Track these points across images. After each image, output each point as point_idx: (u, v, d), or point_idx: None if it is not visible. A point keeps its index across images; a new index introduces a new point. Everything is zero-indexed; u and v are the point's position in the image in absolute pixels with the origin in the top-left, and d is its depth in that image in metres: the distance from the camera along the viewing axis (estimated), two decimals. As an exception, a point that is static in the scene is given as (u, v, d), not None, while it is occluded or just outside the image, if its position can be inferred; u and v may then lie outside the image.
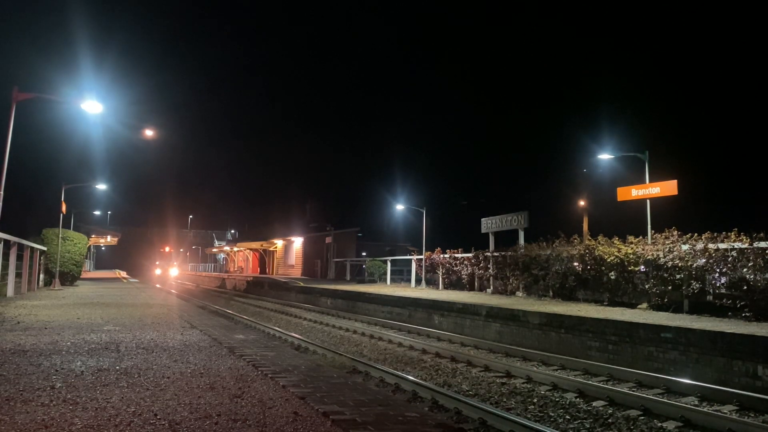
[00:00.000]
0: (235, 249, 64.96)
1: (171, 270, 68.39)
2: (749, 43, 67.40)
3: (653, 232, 15.02)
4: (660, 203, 16.25)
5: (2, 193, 12.98)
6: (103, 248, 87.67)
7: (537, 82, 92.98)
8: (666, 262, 13.07)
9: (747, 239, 11.83)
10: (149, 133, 19.60)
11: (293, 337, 13.84)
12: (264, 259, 57.38)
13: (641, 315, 11.89)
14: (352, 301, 22.39)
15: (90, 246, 51.69)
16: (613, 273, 14.79)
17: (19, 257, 20.24)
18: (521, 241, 19.97)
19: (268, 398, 5.11)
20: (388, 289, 24.20)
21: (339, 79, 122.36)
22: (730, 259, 11.94)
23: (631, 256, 14.27)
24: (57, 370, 6.11)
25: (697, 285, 12.50)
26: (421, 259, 25.72)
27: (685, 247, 12.88)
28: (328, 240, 43.46)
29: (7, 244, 18.33)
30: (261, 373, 6.32)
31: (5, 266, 18.48)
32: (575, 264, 16.22)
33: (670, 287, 13.09)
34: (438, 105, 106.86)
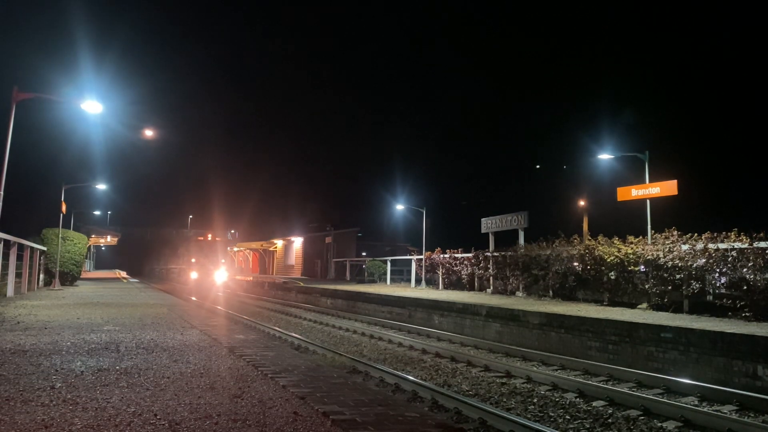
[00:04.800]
0: (235, 249, 64.97)
1: (217, 273, 38.26)
2: (749, 42, 67.42)
3: (653, 232, 15.03)
4: (660, 203, 16.26)
5: (2, 193, 12.98)
6: (103, 248, 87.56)
7: (537, 82, 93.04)
8: (666, 262, 13.07)
9: (747, 239, 11.84)
10: (149, 133, 19.63)
11: (293, 337, 13.84)
12: (264, 259, 57.44)
13: (641, 315, 11.89)
14: (352, 301, 22.39)
15: (90, 246, 51.73)
16: (613, 273, 14.79)
17: (19, 257, 20.25)
18: (521, 241, 19.99)
19: (268, 398, 5.11)
20: (388, 289, 24.20)
21: (338, 79, 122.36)
22: (730, 259, 11.94)
23: (631, 256, 14.26)
24: (57, 370, 6.11)
25: (697, 285, 12.51)
26: (421, 259, 25.72)
27: (685, 247, 12.88)
28: (328, 240, 43.49)
29: (7, 244, 18.34)
30: (261, 373, 6.32)
31: (5, 266, 18.49)
32: (575, 264, 16.22)
33: (670, 287, 13.09)
34: (438, 104, 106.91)
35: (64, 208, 27.30)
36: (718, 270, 12.24)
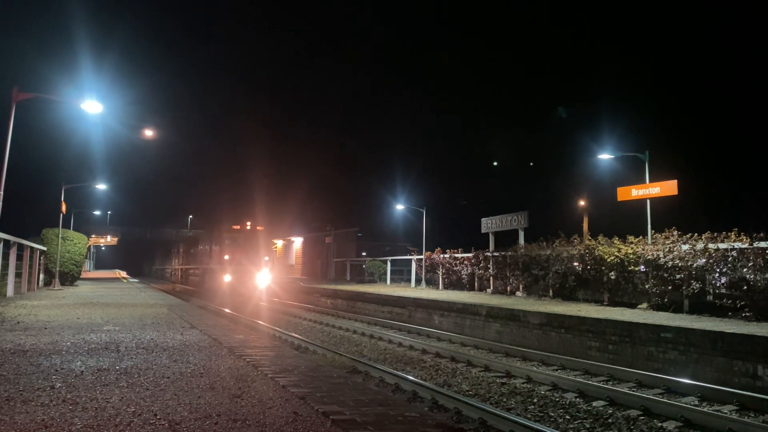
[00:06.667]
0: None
1: (259, 275, 28.54)
2: (750, 41, 67.45)
3: (653, 232, 15.02)
4: (660, 203, 16.25)
5: (2, 193, 12.98)
6: (103, 248, 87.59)
7: (537, 82, 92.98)
8: (666, 262, 13.06)
9: (747, 239, 11.84)
10: (149, 133, 19.65)
11: (293, 336, 13.83)
12: (264, 259, 57.28)
13: (641, 315, 11.89)
14: (352, 301, 22.39)
15: (90, 246, 51.70)
16: (613, 273, 14.79)
17: (19, 257, 20.25)
18: (521, 241, 19.98)
19: (268, 398, 5.11)
20: (388, 289, 24.20)
21: (339, 78, 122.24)
22: (730, 259, 11.94)
23: (631, 256, 14.26)
24: (57, 370, 6.11)
25: (697, 285, 12.50)
26: (421, 259, 25.72)
27: (685, 247, 12.88)
28: (328, 240, 43.48)
29: (7, 244, 18.34)
30: (261, 373, 6.32)
31: (5, 266, 18.49)
32: (575, 264, 16.22)
33: (670, 287, 13.09)
34: (437, 104, 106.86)
35: (64, 208, 27.31)
36: (718, 270, 12.23)
